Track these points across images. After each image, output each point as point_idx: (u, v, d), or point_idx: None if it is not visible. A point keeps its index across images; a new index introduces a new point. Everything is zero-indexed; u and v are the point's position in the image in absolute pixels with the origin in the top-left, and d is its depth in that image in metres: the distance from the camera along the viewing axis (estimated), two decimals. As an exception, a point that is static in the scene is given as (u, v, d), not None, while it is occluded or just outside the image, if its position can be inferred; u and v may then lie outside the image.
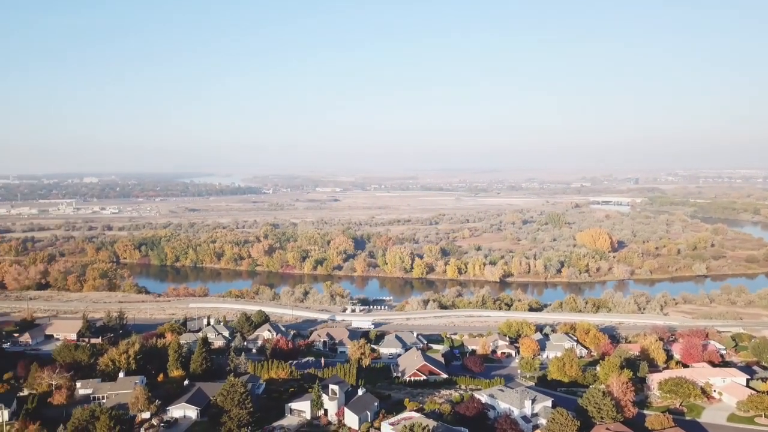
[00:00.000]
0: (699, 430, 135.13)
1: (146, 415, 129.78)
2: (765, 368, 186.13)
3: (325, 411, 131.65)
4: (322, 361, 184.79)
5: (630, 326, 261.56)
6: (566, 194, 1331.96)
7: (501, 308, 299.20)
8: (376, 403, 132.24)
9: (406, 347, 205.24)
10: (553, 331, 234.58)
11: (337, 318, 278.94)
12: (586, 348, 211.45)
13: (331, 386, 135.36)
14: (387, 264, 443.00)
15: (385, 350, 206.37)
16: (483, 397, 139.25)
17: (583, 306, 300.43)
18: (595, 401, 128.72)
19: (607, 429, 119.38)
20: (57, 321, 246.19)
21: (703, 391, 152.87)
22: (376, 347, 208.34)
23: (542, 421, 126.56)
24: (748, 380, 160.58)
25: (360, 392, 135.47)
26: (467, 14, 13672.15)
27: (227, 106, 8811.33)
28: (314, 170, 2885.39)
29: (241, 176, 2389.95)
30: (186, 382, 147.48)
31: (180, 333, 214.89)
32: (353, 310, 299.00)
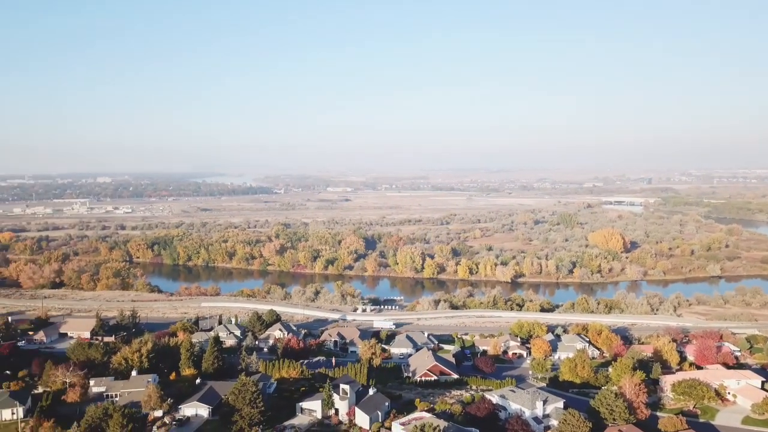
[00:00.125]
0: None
1: (158, 413, 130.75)
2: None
3: (336, 410, 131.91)
4: (333, 360, 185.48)
5: (643, 327, 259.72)
6: (578, 194, 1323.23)
7: (512, 309, 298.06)
8: (386, 403, 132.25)
9: (416, 347, 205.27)
10: (565, 331, 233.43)
11: (348, 318, 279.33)
12: (598, 349, 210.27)
13: (342, 386, 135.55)
14: (398, 264, 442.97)
15: (395, 350, 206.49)
16: (494, 398, 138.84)
17: (595, 307, 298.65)
18: (607, 403, 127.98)
19: (620, 431, 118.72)
20: (71, 319, 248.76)
21: (718, 393, 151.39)
22: (386, 347, 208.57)
23: (554, 423, 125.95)
24: (763, 383, 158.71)
25: (371, 392, 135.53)
26: (477, 13, 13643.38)
27: (239, 106, 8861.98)
28: (325, 170, 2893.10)
29: (252, 176, 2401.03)
30: (198, 380, 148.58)
31: (192, 332, 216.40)
32: (364, 310, 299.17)
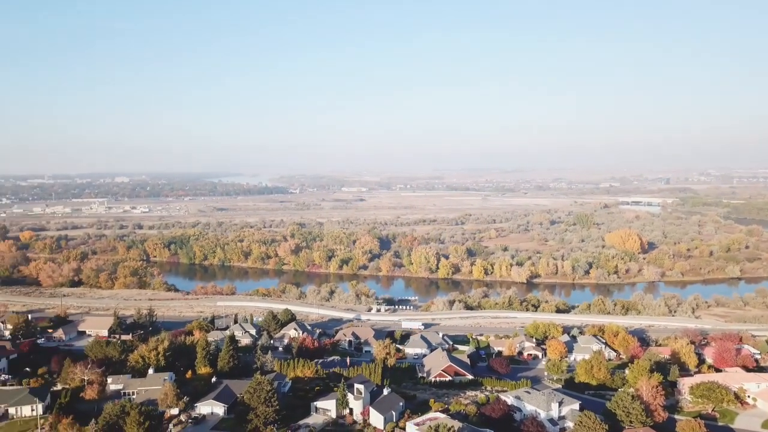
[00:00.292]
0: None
1: (175, 411, 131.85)
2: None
3: (351, 410, 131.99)
4: (348, 360, 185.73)
5: (660, 329, 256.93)
6: (595, 194, 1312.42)
7: (528, 309, 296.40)
8: (401, 403, 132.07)
9: (431, 347, 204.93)
10: (581, 333, 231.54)
11: (363, 317, 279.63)
12: (615, 351, 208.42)
13: (357, 385, 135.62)
14: (412, 264, 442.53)
15: (410, 350, 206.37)
16: (509, 399, 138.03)
17: (611, 308, 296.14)
18: (623, 405, 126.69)
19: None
20: (89, 317, 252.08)
21: (737, 396, 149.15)
22: (401, 347, 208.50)
23: (569, 424, 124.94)
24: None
25: (385, 392, 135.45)
26: (493, 12, 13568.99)
27: (255, 106, 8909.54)
28: (340, 170, 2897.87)
29: (268, 176, 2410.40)
30: (213, 379, 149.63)
31: (208, 331, 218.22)
32: (378, 310, 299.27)
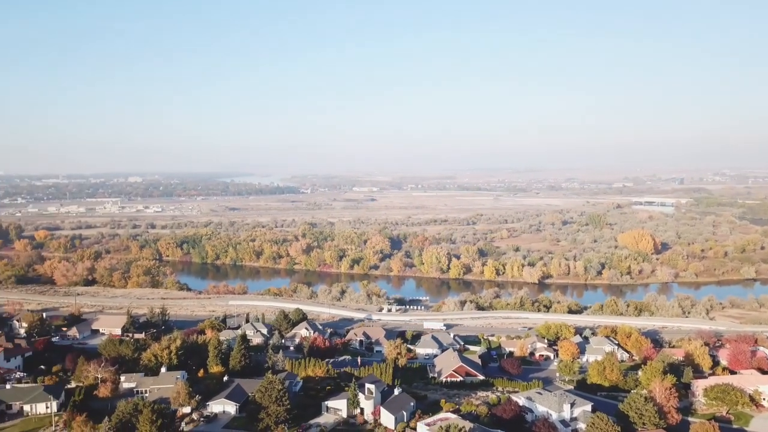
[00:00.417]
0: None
1: (187, 409, 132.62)
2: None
3: (362, 410, 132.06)
4: (359, 360, 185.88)
5: (674, 330, 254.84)
6: (607, 195, 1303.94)
7: (539, 310, 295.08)
8: (412, 403, 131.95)
9: (442, 348, 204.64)
10: (593, 334, 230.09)
11: (374, 317, 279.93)
12: (628, 352, 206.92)
13: (368, 385, 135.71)
14: (423, 264, 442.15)
15: (421, 350, 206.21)
16: (520, 400, 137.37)
17: (624, 309, 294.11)
18: (636, 407, 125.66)
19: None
20: (103, 316, 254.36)
21: (752, 398, 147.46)
22: (412, 347, 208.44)
23: (581, 426, 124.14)
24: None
25: (396, 392, 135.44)
26: (504, 10, 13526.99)
27: (267, 106, 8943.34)
28: (351, 170, 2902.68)
29: (280, 176, 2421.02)
30: (225, 378, 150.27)
31: (220, 330, 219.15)
32: (389, 310, 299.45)
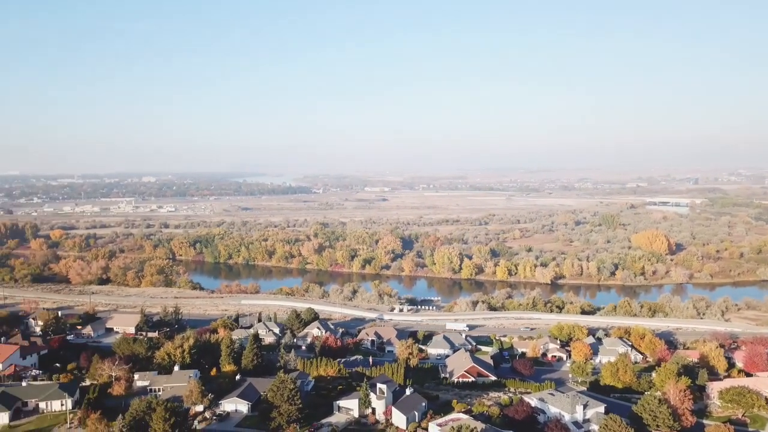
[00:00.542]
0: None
1: (199, 408, 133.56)
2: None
3: (373, 410, 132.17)
4: (370, 359, 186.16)
5: (688, 332, 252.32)
6: (621, 195, 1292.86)
7: (552, 311, 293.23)
8: (423, 404, 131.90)
9: (454, 348, 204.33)
10: (607, 335, 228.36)
11: (385, 317, 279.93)
12: (641, 353, 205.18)
13: (379, 385, 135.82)
14: (435, 264, 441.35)
15: (432, 351, 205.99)
16: (533, 401, 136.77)
17: (638, 310, 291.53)
18: (650, 408, 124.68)
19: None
20: (117, 315, 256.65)
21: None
22: (423, 347, 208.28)
23: (594, 427, 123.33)
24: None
25: (408, 392, 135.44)
26: (514, 10, 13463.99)
27: (280, 107, 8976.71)
28: (363, 170, 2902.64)
29: (292, 176, 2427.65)
30: (237, 377, 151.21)
31: (232, 329, 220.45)
32: (401, 310, 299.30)
